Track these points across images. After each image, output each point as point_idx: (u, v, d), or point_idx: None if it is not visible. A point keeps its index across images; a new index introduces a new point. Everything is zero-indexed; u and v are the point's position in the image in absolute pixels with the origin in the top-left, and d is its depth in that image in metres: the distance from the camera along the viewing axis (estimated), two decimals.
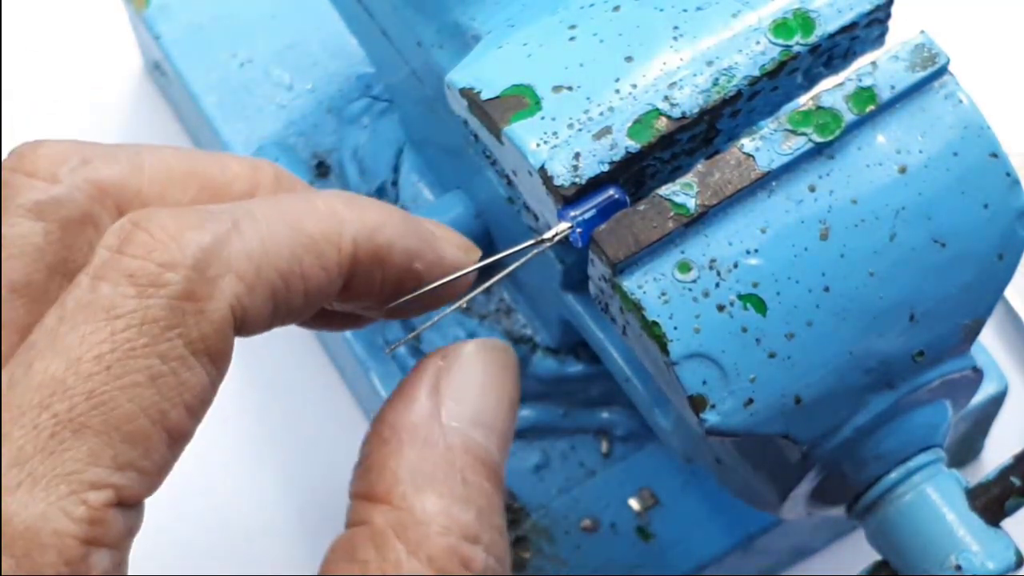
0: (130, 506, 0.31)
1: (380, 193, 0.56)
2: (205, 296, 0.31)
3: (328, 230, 0.33)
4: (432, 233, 0.37)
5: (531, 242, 0.38)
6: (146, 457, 0.31)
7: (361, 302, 0.36)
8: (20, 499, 0.29)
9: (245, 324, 0.32)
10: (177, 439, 0.31)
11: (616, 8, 0.40)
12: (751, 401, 0.38)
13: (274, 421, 0.59)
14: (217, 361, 0.32)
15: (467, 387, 0.35)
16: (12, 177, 0.33)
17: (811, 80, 0.40)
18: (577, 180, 0.38)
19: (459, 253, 0.37)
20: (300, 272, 0.33)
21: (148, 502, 0.57)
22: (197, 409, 0.32)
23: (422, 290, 0.36)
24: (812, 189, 0.39)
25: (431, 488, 0.33)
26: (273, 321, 0.33)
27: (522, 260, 0.38)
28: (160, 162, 0.34)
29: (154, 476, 0.31)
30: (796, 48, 0.39)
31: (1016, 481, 0.41)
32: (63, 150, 0.33)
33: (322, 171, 0.57)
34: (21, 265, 0.32)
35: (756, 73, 0.39)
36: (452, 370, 0.35)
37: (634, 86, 0.39)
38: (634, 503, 0.53)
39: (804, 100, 0.39)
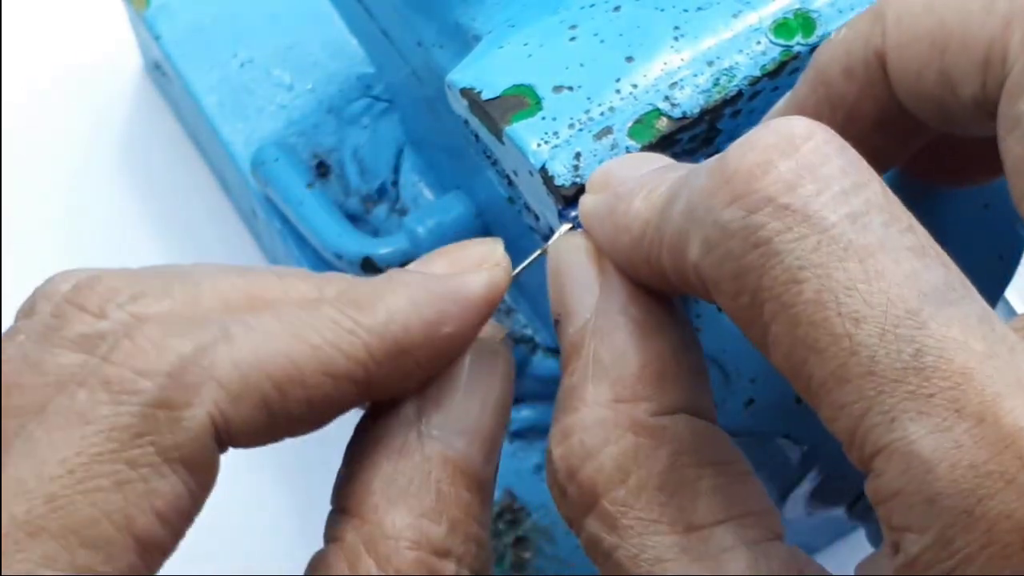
0: None
1: (380, 193, 0.56)
2: (181, 404, 0.31)
3: (335, 338, 0.32)
4: (446, 283, 0.35)
5: (538, 252, 0.38)
6: (109, 563, 0.30)
7: (403, 388, 0.34)
8: None
9: (234, 434, 0.32)
10: (148, 547, 0.31)
11: (617, 8, 0.40)
12: (752, 401, 0.38)
13: None
14: (196, 471, 0.31)
15: (450, 392, 0.34)
16: (65, 308, 0.33)
17: None
18: (578, 180, 0.38)
19: (483, 277, 0.35)
20: (300, 380, 0.32)
21: None
22: (172, 518, 0.31)
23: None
24: None
25: (403, 501, 0.33)
26: (275, 431, 0.33)
27: (524, 265, 0.38)
28: (218, 293, 0.33)
29: None
30: (797, 48, 0.39)
31: None
32: (116, 285, 0.33)
33: (322, 171, 0.57)
34: None
35: (757, 73, 0.39)
36: (436, 374, 0.34)
37: (635, 86, 0.39)
38: None
39: None
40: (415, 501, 0.33)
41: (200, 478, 0.31)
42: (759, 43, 0.39)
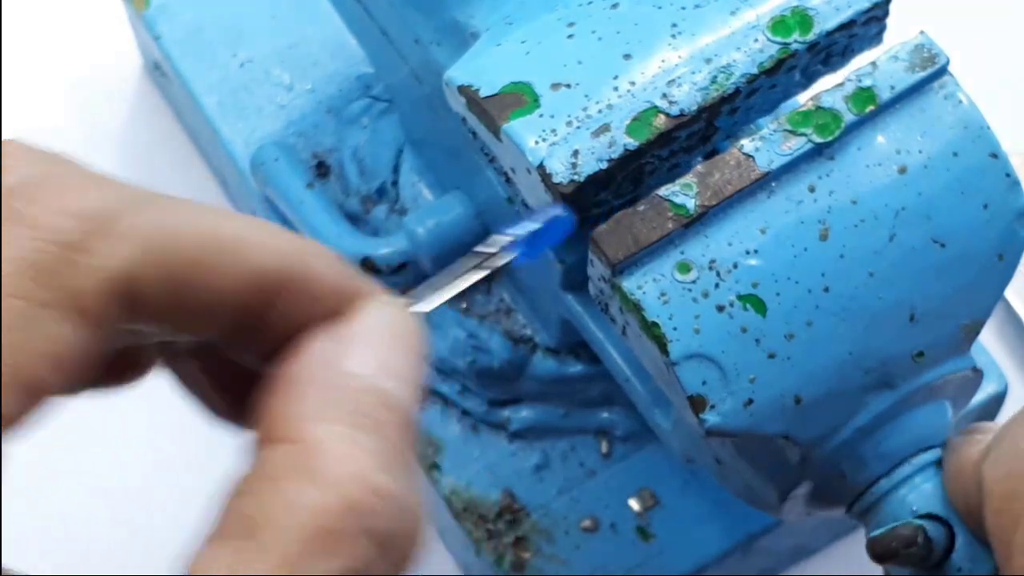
0: None
1: (380, 193, 0.56)
2: (89, 251, 0.30)
3: (247, 234, 0.32)
4: (353, 280, 0.34)
5: (474, 263, 0.37)
6: None
7: (239, 335, 0.33)
8: None
9: (135, 297, 0.31)
10: (32, 389, 0.30)
11: (615, 6, 0.40)
12: (751, 401, 0.38)
13: None
14: (93, 322, 0.30)
15: (373, 337, 0.33)
16: None
17: (809, 78, 0.40)
18: (576, 177, 0.38)
19: (385, 314, 0.34)
20: (205, 264, 0.31)
21: (149, 504, 0.57)
22: (63, 363, 0.30)
23: None
24: (812, 189, 0.39)
25: (336, 422, 0.31)
26: (172, 311, 0.32)
27: (488, 269, 0.37)
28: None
29: None
30: (794, 46, 0.39)
31: None
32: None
33: (322, 171, 0.57)
34: None
35: (754, 71, 0.39)
36: (354, 321, 0.33)
37: (632, 83, 0.39)
38: (634, 503, 0.53)
39: (804, 100, 0.39)
40: (350, 421, 0.31)
41: (97, 330, 0.30)
42: (756, 40, 0.39)
